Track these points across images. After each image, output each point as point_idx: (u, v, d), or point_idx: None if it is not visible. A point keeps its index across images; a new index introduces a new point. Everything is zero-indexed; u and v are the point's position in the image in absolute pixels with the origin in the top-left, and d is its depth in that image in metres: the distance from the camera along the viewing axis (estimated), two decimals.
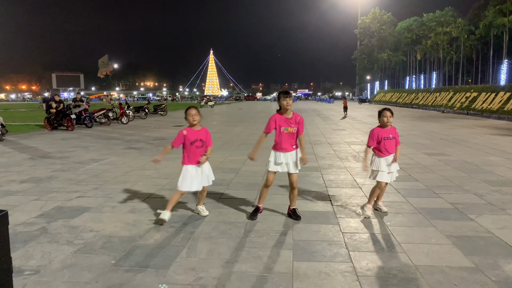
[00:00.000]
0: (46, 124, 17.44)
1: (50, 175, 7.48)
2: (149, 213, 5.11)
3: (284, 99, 4.54)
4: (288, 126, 4.58)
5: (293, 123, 4.60)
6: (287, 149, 4.66)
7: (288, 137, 4.61)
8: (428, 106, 39.69)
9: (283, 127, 4.58)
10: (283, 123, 4.59)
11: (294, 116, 4.64)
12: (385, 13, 79.43)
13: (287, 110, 4.59)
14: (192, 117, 4.71)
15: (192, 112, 4.71)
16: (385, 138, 4.90)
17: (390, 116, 4.94)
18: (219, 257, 3.73)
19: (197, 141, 4.72)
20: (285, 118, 4.60)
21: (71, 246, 4.03)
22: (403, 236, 4.25)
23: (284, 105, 4.56)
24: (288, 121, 4.59)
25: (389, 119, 4.93)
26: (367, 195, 6.00)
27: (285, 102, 4.54)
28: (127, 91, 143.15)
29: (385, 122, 4.94)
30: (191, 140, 4.70)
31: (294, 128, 4.59)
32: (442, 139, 13.20)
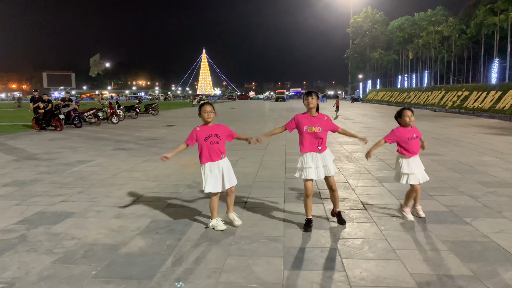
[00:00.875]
0: (34, 124, 17.09)
1: (34, 178, 7.24)
2: (135, 219, 4.91)
3: (306, 99, 4.42)
4: (312, 125, 4.37)
5: (317, 122, 4.39)
6: (312, 149, 4.43)
7: (311, 136, 4.39)
8: (420, 105, 39.80)
9: (306, 126, 4.38)
10: (306, 122, 4.39)
11: (319, 116, 4.46)
12: (377, 12, 79.59)
13: (311, 109, 4.42)
14: (207, 114, 4.46)
15: (208, 109, 4.47)
16: (409, 138, 4.73)
17: (411, 115, 4.74)
18: (206, 267, 3.56)
19: (212, 137, 4.45)
20: (309, 117, 4.43)
21: (50, 255, 3.83)
22: (398, 242, 4.10)
23: (305, 104, 4.44)
24: (312, 120, 4.40)
25: (411, 118, 4.72)
26: (360, 197, 5.87)
27: (306, 102, 4.42)
28: (119, 90, 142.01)
29: (407, 122, 4.73)
30: (204, 136, 4.44)
31: (319, 128, 4.36)
32: (435, 139, 13.12)
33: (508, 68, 42.50)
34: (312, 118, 4.42)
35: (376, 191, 6.21)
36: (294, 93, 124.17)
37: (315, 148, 4.43)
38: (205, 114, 4.48)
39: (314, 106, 4.41)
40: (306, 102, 4.43)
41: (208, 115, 4.47)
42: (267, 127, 18.40)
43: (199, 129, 4.47)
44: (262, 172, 7.74)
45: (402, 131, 4.77)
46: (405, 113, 4.73)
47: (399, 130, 4.79)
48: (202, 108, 4.50)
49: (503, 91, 25.03)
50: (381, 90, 64.13)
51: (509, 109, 22.77)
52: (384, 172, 7.65)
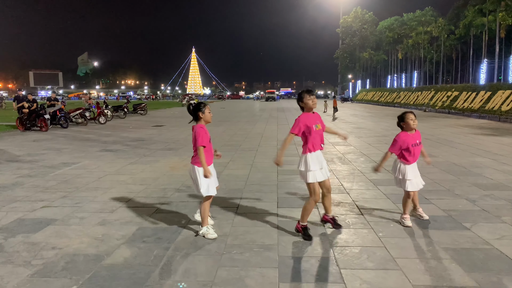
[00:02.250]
0: (19, 124, 16.63)
1: (15, 182, 6.92)
2: (121, 226, 4.66)
3: (310, 98, 4.24)
4: (316, 123, 4.22)
5: (318, 120, 4.28)
6: (319, 148, 4.26)
7: (318, 135, 4.22)
8: (409, 105, 39.94)
9: (314, 125, 4.19)
10: (312, 121, 4.21)
11: (316, 113, 4.34)
12: (366, 12, 79.82)
13: (313, 108, 4.28)
14: (211, 114, 4.33)
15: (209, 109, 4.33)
16: (413, 145, 4.53)
17: (415, 118, 4.55)
18: (196, 279, 3.32)
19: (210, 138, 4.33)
20: (312, 116, 4.27)
21: (28, 267, 3.56)
22: (397, 250, 3.92)
23: (311, 104, 4.23)
24: (315, 119, 4.25)
25: (414, 121, 4.54)
26: (355, 200, 5.69)
27: (310, 101, 4.23)
28: (107, 90, 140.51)
29: (411, 126, 4.53)
30: (209, 137, 4.25)
31: (320, 125, 4.27)
32: (427, 139, 13.04)
33: (497, 69, 42.90)
34: (314, 117, 4.27)
35: (371, 194, 6.04)
36: (284, 93, 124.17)
37: (319, 146, 4.27)
38: (209, 115, 4.30)
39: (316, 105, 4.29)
40: (310, 100, 4.23)
41: (211, 116, 4.32)
42: (257, 127, 18.18)
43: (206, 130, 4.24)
44: (253, 175, 7.52)
45: (405, 138, 4.54)
46: (409, 116, 4.54)
47: (401, 138, 4.55)
48: (207, 109, 4.27)
49: (492, 91, 25.18)
50: (371, 90, 64.34)
51: (498, 110, 22.89)
52: (378, 174, 7.46)
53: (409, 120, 4.53)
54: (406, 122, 4.56)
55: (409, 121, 4.53)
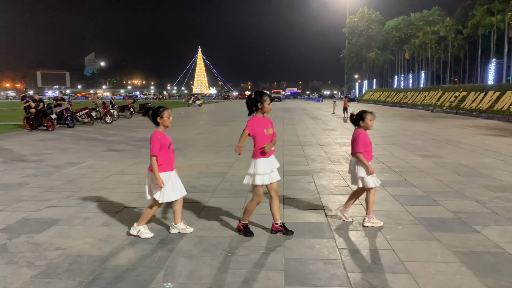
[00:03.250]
0: (25, 124, 16.71)
1: (20, 181, 6.91)
2: (125, 227, 4.61)
3: (270, 103, 4.17)
4: (267, 127, 4.20)
5: (269, 124, 4.25)
6: (270, 152, 4.23)
7: (268, 139, 4.18)
8: (416, 105, 39.67)
9: (265, 129, 4.16)
10: (264, 125, 4.17)
11: (268, 118, 4.30)
12: (373, 12, 79.48)
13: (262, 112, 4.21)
14: (170, 119, 4.27)
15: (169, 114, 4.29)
16: (370, 142, 4.64)
17: (374, 118, 4.68)
18: (200, 281, 3.27)
19: (171, 144, 4.31)
20: (263, 119, 4.21)
21: (31, 268, 3.52)
22: (406, 253, 3.83)
23: (269, 109, 4.18)
24: (266, 123, 4.22)
25: (372, 121, 4.65)
26: (362, 202, 5.59)
27: (269, 106, 4.18)
28: (114, 89, 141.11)
29: (369, 126, 4.63)
30: (167, 143, 4.20)
31: (271, 130, 4.24)
32: (435, 140, 12.91)
33: (505, 69, 42.46)
34: (266, 120, 4.23)
35: (378, 196, 5.93)
36: (290, 93, 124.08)
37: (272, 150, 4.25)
38: (169, 119, 4.23)
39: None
40: (269, 107, 4.18)
41: (170, 121, 4.24)
42: None
43: (161, 137, 4.14)
44: None
45: (365, 136, 4.61)
46: (369, 117, 4.61)
47: (363, 135, 4.59)
48: (165, 113, 4.19)
49: (501, 91, 24.91)
50: (377, 90, 64.04)
51: (507, 110, 22.63)
52: (385, 175, 7.39)
53: (369, 120, 4.60)
54: (366, 122, 4.61)
55: (369, 121, 4.60)
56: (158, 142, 4.07)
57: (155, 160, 4.06)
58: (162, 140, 4.11)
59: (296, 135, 14.44)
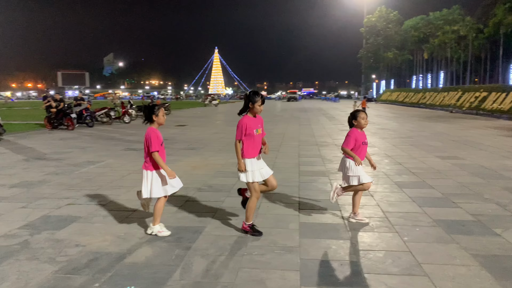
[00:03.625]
0: (46, 123, 17.09)
1: (42, 179, 7.08)
2: (143, 224, 4.68)
3: (261, 105, 4.21)
4: (258, 128, 4.28)
5: (259, 124, 4.32)
6: (258, 153, 4.35)
7: (258, 139, 4.29)
8: (435, 105, 39.02)
9: (255, 129, 4.23)
10: (254, 125, 4.23)
11: (259, 117, 4.35)
12: (391, 12, 78.42)
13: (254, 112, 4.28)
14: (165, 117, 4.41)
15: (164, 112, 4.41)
16: (363, 143, 4.67)
17: (366, 118, 4.73)
18: (216, 280, 3.30)
19: (163, 142, 4.39)
20: (254, 119, 4.27)
21: (52, 264, 3.61)
22: (424, 255, 3.79)
23: (259, 110, 4.24)
24: (257, 123, 4.28)
25: (366, 120, 4.71)
26: (379, 203, 5.55)
27: (260, 108, 4.22)
28: (132, 90, 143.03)
29: (362, 125, 4.69)
30: (161, 141, 4.30)
31: (261, 129, 4.33)
32: (454, 141, 12.68)
33: None
34: (256, 121, 4.28)
35: (396, 197, 5.88)
36: (307, 93, 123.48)
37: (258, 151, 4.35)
38: (163, 118, 4.33)
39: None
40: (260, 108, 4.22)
41: (164, 119, 4.38)
42: (278, 127, 18.12)
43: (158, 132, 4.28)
44: (274, 175, 7.43)
45: (358, 134, 4.67)
46: (362, 115, 4.67)
47: (354, 133, 4.67)
48: (161, 111, 4.31)
49: None
50: (395, 90, 63.24)
51: None
52: (403, 176, 7.31)
53: (361, 119, 4.67)
54: (358, 120, 4.67)
55: (361, 120, 4.66)
56: (156, 138, 4.19)
57: (158, 155, 4.16)
58: (159, 137, 4.24)
59: (312, 135, 14.38)
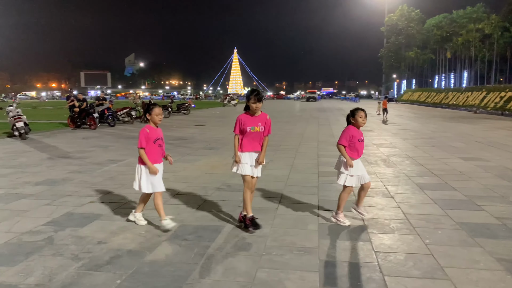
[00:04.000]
0: (70, 122, 17.49)
1: (65, 177, 7.25)
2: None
3: (255, 102, 4.35)
4: (255, 125, 4.40)
5: (260, 122, 4.43)
6: (253, 149, 4.47)
7: (253, 136, 4.43)
8: (458, 106, 38.19)
9: (250, 126, 4.39)
10: (248, 123, 4.41)
11: (262, 115, 4.48)
12: (413, 10, 77.13)
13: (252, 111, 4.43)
14: (159, 117, 4.52)
15: (159, 112, 4.55)
16: (359, 139, 4.68)
17: (365, 116, 4.72)
18: (235, 279, 3.31)
19: (159, 139, 4.54)
20: (252, 117, 4.44)
21: (75, 260, 3.70)
22: (446, 258, 3.71)
23: (254, 108, 4.39)
24: (255, 120, 4.42)
25: (364, 119, 4.70)
26: (400, 205, 5.47)
27: (254, 105, 4.37)
28: (152, 90, 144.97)
29: (359, 123, 4.69)
30: (154, 138, 4.47)
31: (261, 127, 4.43)
32: (478, 142, 12.38)
33: None
34: (254, 118, 4.44)
35: (417, 199, 5.78)
36: (326, 93, 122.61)
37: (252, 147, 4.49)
38: (157, 117, 4.48)
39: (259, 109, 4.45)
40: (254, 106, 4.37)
41: (159, 118, 4.52)
42: (297, 127, 18.06)
43: (149, 131, 4.43)
44: (293, 176, 7.44)
45: (354, 131, 4.68)
46: (360, 113, 4.68)
47: (350, 130, 4.69)
48: (154, 111, 4.46)
49: None
50: (416, 90, 62.18)
51: None
52: (425, 178, 7.17)
53: (359, 117, 4.66)
54: (356, 118, 4.67)
55: (358, 118, 4.66)
56: (143, 136, 4.38)
57: (143, 151, 4.39)
58: (149, 135, 4.39)
59: (332, 135, 14.27)
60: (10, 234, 4.36)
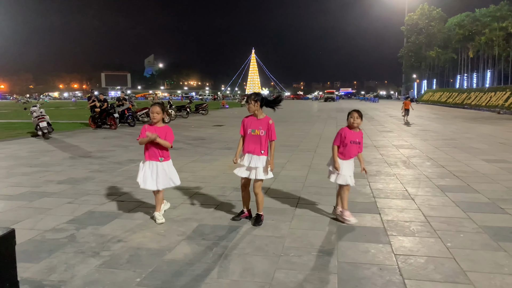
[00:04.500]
0: (91, 122, 17.83)
1: (87, 176, 7.40)
2: (182, 222, 4.79)
3: (249, 103, 4.50)
4: (255, 128, 4.49)
5: (261, 125, 4.49)
6: (253, 151, 4.52)
7: (253, 139, 4.50)
8: (481, 106, 37.31)
9: (250, 129, 4.51)
10: (250, 125, 4.53)
11: (264, 119, 4.53)
12: (434, 9, 75.68)
13: (254, 112, 4.55)
14: (153, 115, 4.67)
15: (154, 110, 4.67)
16: (351, 141, 4.72)
17: (357, 117, 4.72)
18: (253, 280, 3.31)
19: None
20: (254, 120, 4.55)
21: (96, 258, 3.77)
22: (468, 262, 3.63)
23: (249, 109, 4.53)
24: (256, 123, 4.51)
25: (355, 120, 4.71)
26: (420, 207, 5.38)
27: (248, 106, 4.53)
28: (171, 90, 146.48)
29: (351, 123, 4.73)
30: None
31: (262, 131, 4.47)
32: (502, 144, 12.06)
33: None
34: (256, 121, 4.54)
35: (438, 202, 5.68)
36: (344, 93, 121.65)
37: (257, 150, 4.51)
38: (152, 114, 4.64)
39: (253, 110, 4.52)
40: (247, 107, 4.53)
41: (153, 116, 4.64)
42: (315, 128, 17.96)
43: (147, 128, 4.65)
44: (311, 176, 7.40)
45: (346, 133, 4.74)
46: (352, 114, 4.74)
47: (344, 131, 4.76)
48: (151, 109, 4.67)
49: None
50: (437, 90, 61.06)
51: None
52: (446, 180, 7.04)
53: (351, 118, 4.72)
54: (348, 119, 4.75)
55: (350, 118, 4.72)
56: (143, 131, 4.62)
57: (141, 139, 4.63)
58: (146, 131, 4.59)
59: None
60: (34, 231, 4.48)
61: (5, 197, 5.93)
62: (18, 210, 5.28)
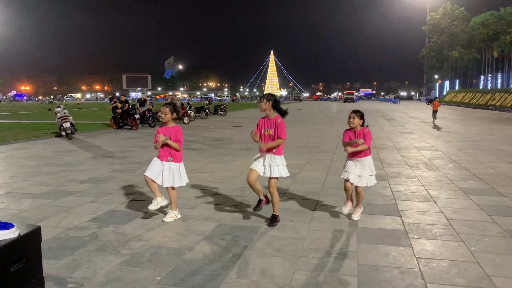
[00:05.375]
0: (112, 123, 18.15)
1: (108, 176, 7.53)
2: (201, 222, 4.83)
3: (261, 103, 4.63)
4: (268, 128, 4.61)
5: (271, 125, 4.59)
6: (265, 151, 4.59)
7: (268, 139, 4.59)
8: (506, 107, 36.31)
9: (264, 129, 4.64)
10: (264, 125, 4.66)
11: (274, 119, 4.61)
12: (457, 8, 74.09)
13: (265, 112, 4.65)
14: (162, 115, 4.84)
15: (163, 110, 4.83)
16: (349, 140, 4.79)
17: (353, 117, 4.76)
18: (272, 281, 3.31)
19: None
20: (267, 120, 4.66)
21: (118, 256, 3.83)
22: (493, 267, 3.54)
23: (260, 108, 4.66)
24: (268, 123, 4.62)
25: (349, 120, 4.77)
26: (443, 210, 5.27)
27: (259, 105, 4.67)
28: (190, 91, 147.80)
29: (348, 123, 4.80)
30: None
31: (272, 131, 4.56)
32: None
33: None
34: (268, 122, 4.63)
35: (461, 204, 5.55)
36: (364, 94, 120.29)
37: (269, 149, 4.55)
38: (161, 115, 4.84)
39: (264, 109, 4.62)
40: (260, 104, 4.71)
41: (162, 117, 4.84)
42: (334, 129, 17.82)
43: (160, 129, 4.83)
44: (331, 178, 7.34)
45: (345, 133, 4.89)
46: (349, 115, 4.81)
47: (345, 132, 4.90)
48: (161, 109, 4.86)
49: None
50: (460, 91, 59.76)
51: None
52: (469, 182, 6.88)
53: (348, 118, 4.81)
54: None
55: (348, 119, 4.81)
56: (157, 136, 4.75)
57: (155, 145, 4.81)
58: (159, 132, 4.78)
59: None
60: (58, 229, 4.58)
61: (30, 195, 6.10)
62: (43, 208, 5.42)
